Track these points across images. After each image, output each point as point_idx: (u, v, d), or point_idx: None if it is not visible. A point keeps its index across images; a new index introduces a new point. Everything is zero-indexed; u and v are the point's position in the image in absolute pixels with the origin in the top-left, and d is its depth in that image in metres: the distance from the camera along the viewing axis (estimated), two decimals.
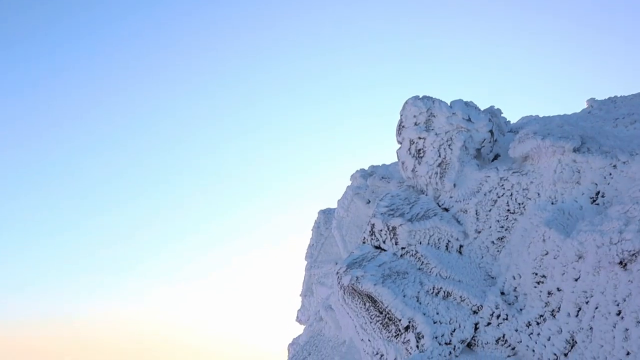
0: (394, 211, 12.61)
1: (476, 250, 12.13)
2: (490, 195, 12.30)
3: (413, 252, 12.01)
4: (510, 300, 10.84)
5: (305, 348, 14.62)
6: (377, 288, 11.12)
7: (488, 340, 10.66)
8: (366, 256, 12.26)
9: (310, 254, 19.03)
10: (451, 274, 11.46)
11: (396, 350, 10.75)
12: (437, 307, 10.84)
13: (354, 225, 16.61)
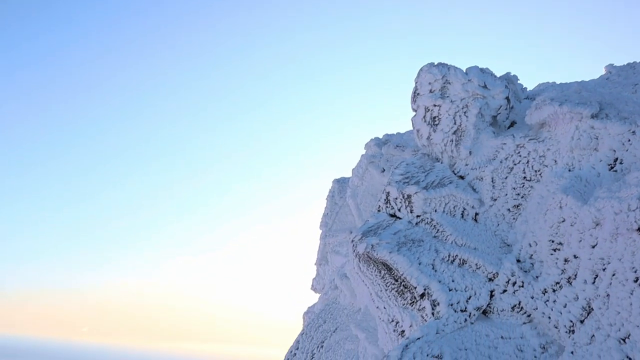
0: (409, 179, 12.54)
1: (492, 217, 12.07)
2: (506, 163, 12.19)
3: (428, 220, 11.97)
4: (526, 267, 10.80)
5: (320, 316, 14.72)
6: (392, 256, 11.11)
7: (504, 308, 10.65)
8: (381, 224, 12.24)
9: (324, 223, 19.05)
10: (467, 241, 11.42)
11: (411, 317, 10.78)
12: (452, 275, 10.83)
13: (369, 193, 16.57)
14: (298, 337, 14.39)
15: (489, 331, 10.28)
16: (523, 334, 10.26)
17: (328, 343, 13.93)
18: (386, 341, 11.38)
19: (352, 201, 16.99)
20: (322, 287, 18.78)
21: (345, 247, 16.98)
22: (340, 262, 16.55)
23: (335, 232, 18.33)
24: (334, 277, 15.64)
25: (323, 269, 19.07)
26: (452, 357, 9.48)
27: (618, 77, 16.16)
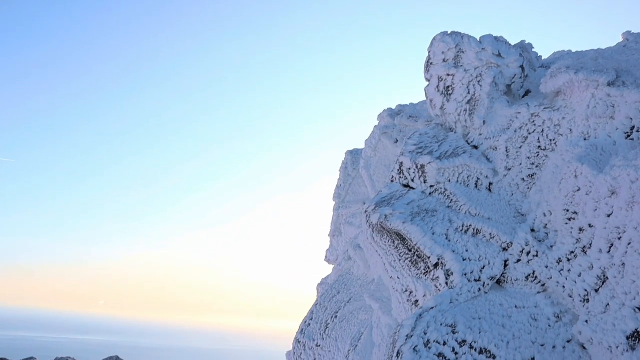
0: (423, 149, 12.48)
1: (506, 187, 12.00)
2: (520, 132, 12.09)
3: (442, 190, 11.93)
4: (541, 237, 10.76)
5: (334, 287, 14.80)
6: (406, 226, 11.11)
7: (518, 277, 10.65)
8: (395, 194, 12.21)
9: (338, 195, 19.05)
10: (480, 211, 11.38)
11: (425, 287, 10.81)
12: (466, 245, 10.81)
13: (382, 164, 16.51)
14: (312, 307, 14.49)
15: (503, 301, 10.29)
16: (537, 303, 10.26)
17: (342, 313, 14.02)
18: (400, 311, 11.43)
19: (365, 172, 16.95)
20: (335, 258, 18.84)
21: (358, 219, 16.98)
22: (353, 234, 16.58)
23: (348, 203, 18.34)
24: (348, 248, 15.68)
25: (336, 241, 19.11)
26: (466, 326, 9.51)
27: (636, 44, 15.88)
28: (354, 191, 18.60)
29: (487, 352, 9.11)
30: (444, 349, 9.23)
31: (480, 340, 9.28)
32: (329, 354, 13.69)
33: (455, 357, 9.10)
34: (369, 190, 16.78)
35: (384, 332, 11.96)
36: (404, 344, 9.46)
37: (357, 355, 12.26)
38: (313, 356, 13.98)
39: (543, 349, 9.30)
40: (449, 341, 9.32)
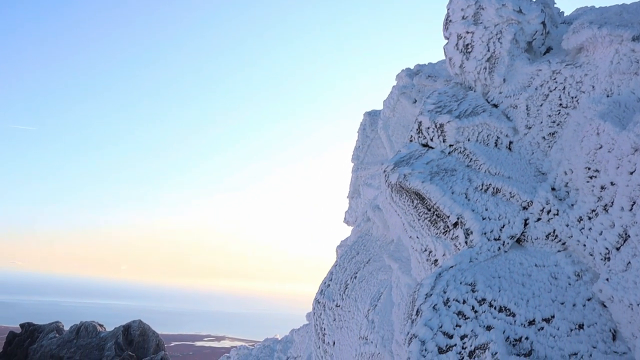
0: (442, 108, 12.34)
1: (526, 146, 11.85)
2: (541, 90, 11.88)
3: (461, 149, 11.82)
4: (561, 195, 10.65)
5: (353, 248, 14.83)
6: (425, 185, 11.05)
7: (538, 236, 10.57)
8: (413, 154, 12.13)
9: (356, 156, 18.99)
10: (500, 170, 11.27)
11: (445, 246, 10.78)
12: (486, 204, 10.73)
13: (400, 125, 16.40)
14: (331, 269, 14.56)
15: (522, 259, 10.24)
16: (557, 262, 10.19)
17: (361, 274, 14.07)
18: (419, 270, 11.44)
19: (383, 133, 16.84)
20: (354, 219, 18.87)
21: (377, 180, 16.94)
22: (372, 195, 16.56)
23: (367, 164, 18.30)
24: (367, 209, 15.67)
25: (355, 202, 19.12)
26: (486, 284, 9.49)
27: None
28: (373, 152, 18.53)
29: (507, 310, 9.09)
30: (463, 307, 9.23)
31: (499, 298, 9.26)
32: (348, 313, 13.80)
33: (475, 315, 9.10)
34: (388, 151, 16.70)
35: (403, 292, 11.99)
36: (424, 302, 9.48)
37: (377, 314, 12.33)
38: (333, 316, 14.10)
39: (563, 307, 9.27)
40: (469, 299, 9.31)
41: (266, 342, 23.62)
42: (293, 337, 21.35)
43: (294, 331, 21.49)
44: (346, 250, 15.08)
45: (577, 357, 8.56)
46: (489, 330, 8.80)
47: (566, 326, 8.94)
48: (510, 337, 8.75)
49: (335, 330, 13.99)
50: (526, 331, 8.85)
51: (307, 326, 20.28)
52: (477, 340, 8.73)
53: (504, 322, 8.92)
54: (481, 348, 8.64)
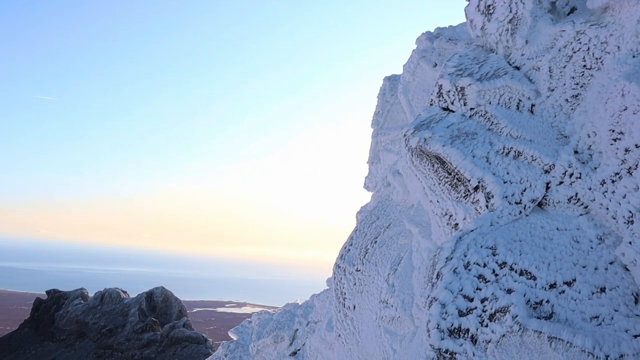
0: (463, 71, 12.17)
1: (549, 108, 11.66)
2: (565, 51, 11.64)
3: (482, 113, 11.67)
4: (584, 158, 10.50)
5: (373, 213, 14.82)
6: (445, 149, 10.96)
7: (560, 199, 10.47)
8: (434, 118, 12.01)
9: (376, 121, 18.86)
10: (522, 133, 11.12)
11: (465, 210, 10.73)
12: (507, 167, 10.63)
13: (421, 89, 16.22)
14: (352, 234, 14.59)
15: (544, 223, 10.16)
16: (579, 225, 10.10)
17: (381, 238, 14.08)
18: (440, 234, 11.42)
19: (403, 97, 16.68)
20: (374, 185, 18.84)
21: (397, 145, 16.85)
22: (392, 160, 16.48)
23: (387, 130, 18.18)
24: (387, 174, 15.62)
25: (375, 167, 19.07)
26: (507, 248, 9.45)
27: None
28: (392, 117, 18.39)
29: (528, 274, 9.07)
30: (483, 270, 9.22)
31: (520, 262, 9.23)
32: (368, 278, 13.86)
33: (495, 278, 9.09)
34: (408, 116, 16.56)
35: (423, 256, 12.00)
36: (444, 266, 9.48)
37: (397, 278, 12.38)
38: (353, 281, 14.17)
39: (585, 271, 9.21)
40: (489, 263, 9.30)
41: (287, 307, 23.84)
42: (313, 302, 21.52)
43: (315, 296, 21.66)
44: (366, 215, 15.08)
45: (598, 320, 8.53)
46: (509, 293, 8.80)
47: (587, 289, 8.90)
48: (530, 300, 8.74)
49: (355, 294, 14.07)
50: (547, 294, 8.83)
51: (327, 291, 20.43)
52: (497, 303, 8.74)
53: (525, 286, 8.90)
54: (501, 311, 8.64)
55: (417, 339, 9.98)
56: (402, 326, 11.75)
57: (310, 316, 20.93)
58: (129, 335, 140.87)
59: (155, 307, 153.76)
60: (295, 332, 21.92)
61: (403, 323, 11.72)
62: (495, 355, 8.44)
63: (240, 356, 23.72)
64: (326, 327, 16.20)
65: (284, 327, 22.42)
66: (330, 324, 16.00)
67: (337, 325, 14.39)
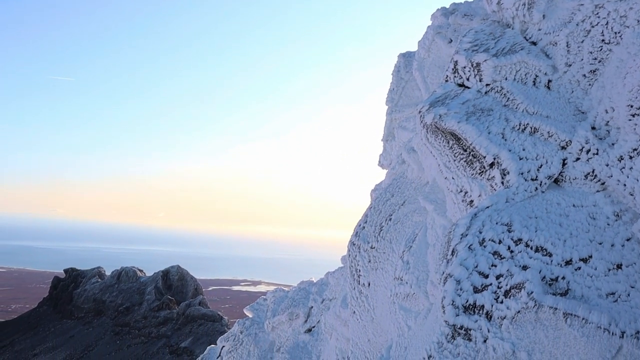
0: (478, 47, 12.03)
1: (566, 84, 11.51)
2: (583, 25, 11.45)
3: (498, 89, 11.55)
4: (602, 134, 10.39)
5: (388, 190, 14.78)
6: (461, 125, 10.87)
7: (576, 176, 10.37)
8: (449, 94, 11.91)
9: (390, 99, 18.74)
10: (538, 109, 11.00)
11: (480, 187, 10.67)
12: (523, 144, 10.53)
13: (436, 66, 16.07)
14: (366, 211, 14.58)
15: (560, 199, 10.09)
16: (596, 202, 10.02)
17: (396, 216, 14.06)
18: (455, 211, 11.38)
19: (418, 74, 16.53)
20: (389, 162, 18.78)
21: (412, 122, 16.76)
22: (407, 137, 16.40)
23: (401, 107, 18.07)
24: (401, 151, 15.55)
25: (390, 145, 18.98)
26: (522, 224, 9.41)
27: None
28: (407, 95, 18.26)
29: (543, 250, 9.03)
30: (499, 247, 9.19)
31: (536, 238, 9.19)
32: (383, 255, 13.87)
33: (511, 255, 9.06)
34: (422, 93, 16.43)
35: (438, 233, 11.98)
36: (459, 242, 9.46)
37: (412, 255, 12.37)
38: (368, 258, 14.19)
39: (601, 247, 9.16)
40: (505, 239, 9.26)
41: (302, 285, 23.96)
42: (328, 280, 21.61)
43: (329, 274, 21.75)
44: (381, 193, 15.05)
45: (614, 296, 8.49)
46: (524, 269, 8.77)
47: (604, 266, 8.86)
48: (546, 277, 8.71)
49: (370, 271, 14.10)
50: (563, 271, 8.80)
51: (342, 269, 20.50)
52: (512, 279, 8.72)
53: (540, 262, 8.87)
54: (517, 287, 8.63)
55: (431, 316, 9.99)
56: (417, 303, 11.77)
57: (325, 294, 21.03)
58: (145, 313, 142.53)
59: (171, 286, 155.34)
60: (310, 310, 22.05)
61: (418, 300, 11.74)
62: (510, 332, 8.44)
63: (255, 333, 23.93)
64: (341, 304, 16.27)
65: (299, 304, 22.56)
66: (345, 301, 16.07)
67: (352, 302, 14.45)
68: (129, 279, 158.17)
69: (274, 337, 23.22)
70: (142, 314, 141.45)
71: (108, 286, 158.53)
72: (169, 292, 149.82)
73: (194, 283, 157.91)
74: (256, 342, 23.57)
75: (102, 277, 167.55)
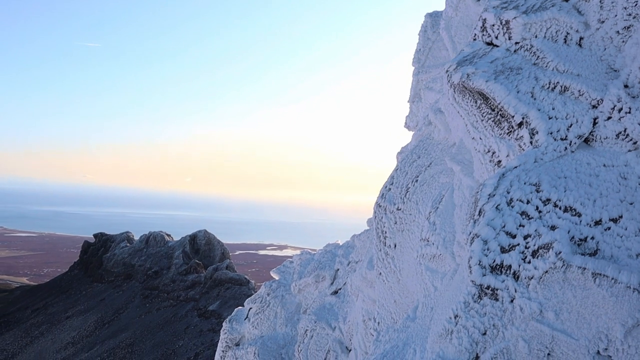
0: (508, 4, 11.75)
1: (598, 41, 11.20)
2: None
3: (528, 47, 11.29)
4: (635, 92, 10.13)
5: (414, 152, 14.68)
6: (489, 84, 10.68)
7: (607, 135, 10.16)
8: (477, 53, 11.69)
9: (417, 59, 18.47)
10: (569, 67, 10.75)
11: (508, 147, 10.53)
12: (553, 102, 10.32)
13: (464, 24, 15.75)
14: (392, 173, 14.50)
15: (590, 159, 9.90)
16: (627, 161, 9.82)
17: (423, 177, 13.97)
18: (482, 172, 11.26)
19: (445, 34, 16.24)
20: (415, 124, 18.60)
21: (439, 83, 16.53)
22: (433, 98, 16.20)
23: (428, 68, 17.81)
24: (428, 112, 15.38)
25: (416, 106, 18.78)
26: (551, 185, 9.28)
27: None
28: (434, 55, 17.98)
29: (572, 210, 8.91)
30: (527, 207, 9.09)
31: (565, 198, 9.06)
32: (409, 216, 13.83)
33: (539, 215, 8.96)
34: (450, 53, 16.16)
35: (465, 194, 11.89)
36: (486, 202, 9.37)
37: (438, 216, 12.32)
38: (394, 219, 14.16)
39: (632, 207, 9.02)
40: (533, 199, 9.15)
41: (328, 248, 24.08)
42: (354, 242, 21.68)
43: (355, 236, 21.80)
44: (407, 154, 14.95)
45: None
46: (553, 230, 8.68)
47: (634, 226, 8.73)
48: (575, 237, 8.62)
49: (396, 233, 14.09)
50: (592, 231, 8.69)
51: (367, 231, 20.52)
52: (540, 239, 8.64)
53: (569, 222, 8.76)
54: (545, 247, 8.55)
55: (458, 276, 9.97)
56: (443, 264, 11.76)
57: (351, 256, 21.12)
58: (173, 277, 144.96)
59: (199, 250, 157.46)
60: (336, 272, 22.19)
61: (444, 261, 11.73)
62: (538, 292, 8.40)
63: (282, 295, 24.19)
64: (367, 266, 16.33)
65: (325, 266, 22.70)
66: (370, 263, 16.13)
67: (378, 263, 14.48)
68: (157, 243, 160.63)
69: (301, 299, 23.46)
70: (170, 277, 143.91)
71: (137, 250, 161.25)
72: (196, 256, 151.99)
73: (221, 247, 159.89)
74: (283, 304, 23.84)
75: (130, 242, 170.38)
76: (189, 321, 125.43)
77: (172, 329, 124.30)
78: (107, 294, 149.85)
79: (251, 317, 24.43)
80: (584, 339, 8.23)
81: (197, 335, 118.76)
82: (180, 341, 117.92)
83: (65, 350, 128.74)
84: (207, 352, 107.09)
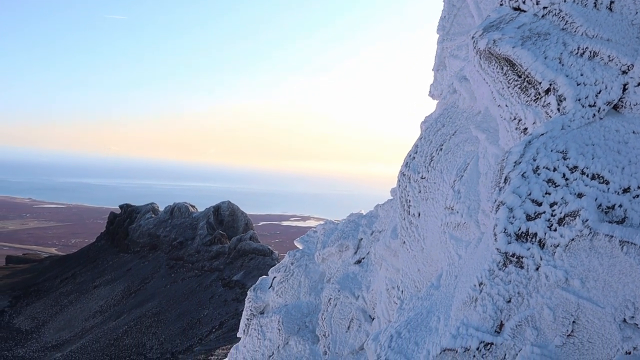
0: None
1: (630, 5, 10.88)
2: None
3: (556, 12, 11.04)
4: None
5: (438, 120, 14.54)
6: (515, 50, 10.48)
7: (637, 102, 9.94)
8: (504, 18, 11.46)
9: (442, 27, 18.19)
10: (599, 32, 10.49)
11: (535, 114, 10.36)
12: (581, 68, 10.10)
13: None
14: (416, 142, 14.40)
15: (619, 126, 9.71)
16: None
17: (447, 146, 13.86)
18: (508, 140, 11.12)
19: (471, 0, 15.95)
20: (440, 93, 18.38)
21: (464, 51, 16.28)
22: (458, 66, 15.98)
23: (453, 35, 17.54)
24: (453, 81, 15.19)
25: (441, 75, 18.54)
26: (578, 152, 9.14)
27: None
28: (459, 22, 17.69)
29: (600, 178, 8.79)
30: (553, 174, 8.98)
31: (592, 165, 8.93)
32: (434, 185, 13.75)
33: (566, 182, 8.85)
34: (475, 19, 15.85)
35: (490, 162, 11.77)
36: (512, 170, 9.28)
37: (463, 185, 12.23)
38: (418, 188, 14.10)
39: None
40: (559, 167, 9.03)
41: (351, 217, 24.10)
42: (378, 212, 21.66)
43: (379, 206, 21.77)
44: (431, 123, 14.82)
45: None
46: (580, 197, 8.58)
47: None
48: (602, 205, 8.51)
49: (420, 201, 14.03)
50: (620, 198, 8.57)
51: (391, 201, 20.48)
52: (567, 207, 8.55)
53: (597, 190, 8.65)
54: (571, 215, 8.47)
55: (482, 244, 9.92)
56: (468, 232, 11.71)
57: (375, 225, 21.13)
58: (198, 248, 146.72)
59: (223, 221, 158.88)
60: (359, 241, 22.23)
61: (469, 229, 11.67)
62: (564, 259, 8.34)
63: (306, 264, 24.34)
64: (390, 235, 16.32)
65: (348, 236, 22.75)
66: (394, 232, 16.11)
67: (402, 232, 14.47)
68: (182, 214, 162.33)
69: (324, 268, 23.59)
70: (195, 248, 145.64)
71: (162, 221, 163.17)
72: (220, 227, 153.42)
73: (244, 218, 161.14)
74: (307, 273, 24.00)
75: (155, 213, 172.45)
76: (213, 291, 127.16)
77: (196, 299, 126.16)
78: (133, 264, 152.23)
79: (275, 286, 24.65)
80: (610, 307, 8.18)
81: (221, 304, 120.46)
82: (205, 310, 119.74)
83: (93, 318, 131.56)
84: (232, 322, 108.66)
